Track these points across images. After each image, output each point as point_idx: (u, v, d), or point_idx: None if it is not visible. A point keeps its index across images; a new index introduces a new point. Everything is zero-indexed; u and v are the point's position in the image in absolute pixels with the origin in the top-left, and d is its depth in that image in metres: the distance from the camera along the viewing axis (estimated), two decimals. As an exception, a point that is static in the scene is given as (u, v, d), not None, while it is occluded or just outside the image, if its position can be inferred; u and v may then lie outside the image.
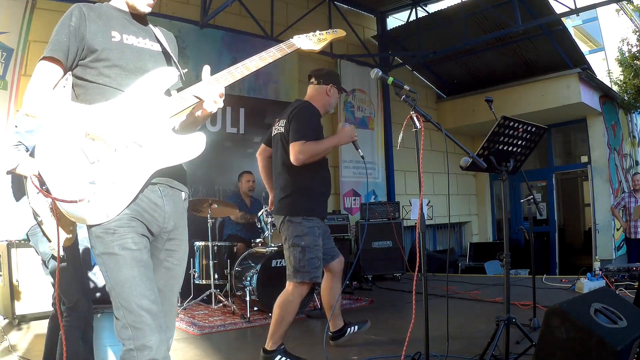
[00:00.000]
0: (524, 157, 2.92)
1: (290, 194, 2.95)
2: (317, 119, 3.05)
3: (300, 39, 1.74)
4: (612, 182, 9.13)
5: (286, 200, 2.96)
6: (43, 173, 1.45)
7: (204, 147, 1.60)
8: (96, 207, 1.45)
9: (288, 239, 2.95)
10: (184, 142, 1.60)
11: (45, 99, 1.48)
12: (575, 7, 6.49)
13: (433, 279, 6.38)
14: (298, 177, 2.94)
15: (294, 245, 2.92)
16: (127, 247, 1.48)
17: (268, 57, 1.66)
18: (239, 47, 6.56)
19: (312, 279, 2.93)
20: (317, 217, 3.00)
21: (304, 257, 2.89)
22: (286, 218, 2.95)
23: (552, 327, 2.04)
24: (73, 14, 1.55)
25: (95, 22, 1.57)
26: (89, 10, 1.58)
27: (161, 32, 1.78)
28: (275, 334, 2.91)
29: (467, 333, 3.50)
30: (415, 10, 8.19)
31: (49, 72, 1.52)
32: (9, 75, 4.71)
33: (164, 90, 1.64)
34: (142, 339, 1.43)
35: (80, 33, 1.54)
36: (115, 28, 1.60)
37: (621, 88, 9.67)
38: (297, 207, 2.94)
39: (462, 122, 9.56)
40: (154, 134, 1.55)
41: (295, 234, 2.92)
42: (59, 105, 1.49)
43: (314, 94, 3.17)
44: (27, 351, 3.37)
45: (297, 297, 2.93)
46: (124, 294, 1.46)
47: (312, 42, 1.75)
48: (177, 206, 1.66)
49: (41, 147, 1.47)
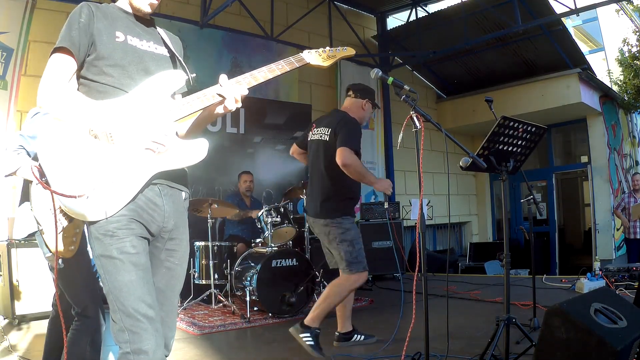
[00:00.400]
0: (524, 157, 2.92)
1: (331, 198, 3.20)
2: (360, 134, 3.27)
3: (311, 54, 1.76)
4: (612, 182, 9.13)
5: (327, 204, 3.21)
6: (44, 165, 1.45)
7: (206, 153, 1.61)
8: (95, 204, 1.45)
9: (335, 239, 3.17)
10: (186, 147, 1.60)
11: (59, 95, 1.48)
12: (575, 7, 6.49)
13: (433, 279, 6.38)
14: (338, 182, 3.19)
15: (342, 241, 3.15)
16: (126, 250, 1.48)
17: (277, 70, 1.67)
18: (239, 47, 6.56)
19: (365, 268, 3.17)
20: (351, 216, 3.26)
21: (354, 249, 3.14)
22: (327, 221, 3.19)
23: (552, 327, 2.04)
24: (82, 11, 1.56)
25: (102, 21, 1.58)
26: (97, 9, 1.59)
27: (167, 34, 1.78)
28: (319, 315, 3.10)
29: (467, 333, 3.50)
30: (415, 10, 8.19)
31: (63, 64, 1.52)
32: (9, 75, 4.71)
33: (170, 93, 1.63)
34: (138, 343, 1.44)
35: (89, 30, 1.55)
36: (120, 29, 1.61)
37: (621, 88, 9.67)
38: (337, 210, 3.19)
39: (462, 122, 9.56)
40: (159, 135, 1.55)
41: (340, 232, 3.16)
42: (72, 100, 1.48)
43: (351, 106, 3.39)
44: (27, 351, 3.37)
45: (350, 285, 3.14)
46: (121, 297, 1.46)
47: (322, 58, 1.77)
48: (177, 206, 1.66)
49: (45, 140, 1.47)
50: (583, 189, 11.14)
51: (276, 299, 4.39)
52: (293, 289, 4.43)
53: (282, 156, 6.91)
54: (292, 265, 4.52)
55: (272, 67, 1.66)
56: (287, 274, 4.47)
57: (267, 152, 6.73)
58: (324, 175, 3.24)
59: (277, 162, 6.83)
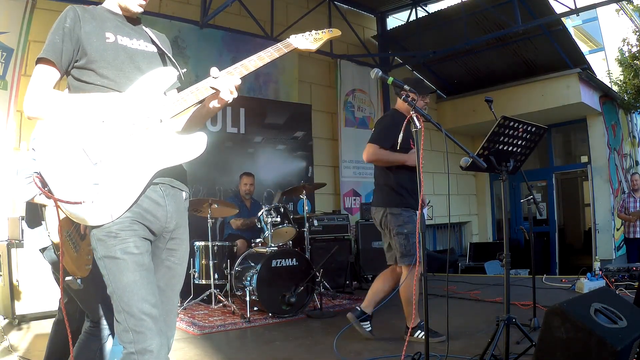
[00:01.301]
0: (524, 157, 2.92)
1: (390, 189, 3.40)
2: (396, 128, 3.21)
3: (297, 38, 1.75)
4: (612, 182, 9.13)
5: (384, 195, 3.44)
6: (45, 174, 1.45)
7: (205, 146, 1.61)
8: (100, 208, 1.45)
9: (392, 229, 3.37)
10: (185, 142, 1.60)
11: (45, 98, 1.49)
12: (575, 7, 6.49)
13: (433, 279, 6.37)
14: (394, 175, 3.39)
15: (398, 233, 3.33)
16: (129, 251, 1.49)
17: (266, 57, 1.67)
18: (239, 47, 6.56)
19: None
20: (412, 208, 3.38)
21: (408, 243, 3.29)
22: (387, 210, 3.40)
23: (552, 327, 2.04)
24: (67, 16, 1.57)
25: (90, 23, 1.58)
26: (83, 12, 1.59)
27: (153, 33, 1.79)
28: (410, 314, 3.27)
29: (467, 333, 3.50)
30: (415, 10, 8.19)
31: (45, 75, 1.54)
32: (9, 75, 4.70)
33: (163, 91, 1.64)
34: (143, 342, 1.45)
35: (75, 34, 1.55)
36: (110, 29, 1.61)
37: (621, 88, 9.67)
38: (395, 200, 3.38)
39: (462, 122, 9.56)
40: (155, 133, 1.55)
41: (398, 224, 3.34)
42: (62, 100, 1.50)
43: (399, 102, 3.56)
44: (27, 351, 3.37)
45: (411, 277, 3.26)
46: (125, 298, 1.47)
47: (309, 41, 1.76)
48: (178, 205, 1.67)
49: (42, 148, 1.46)
50: (583, 189, 11.14)
51: (276, 298, 4.39)
52: (293, 289, 4.43)
53: (283, 156, 6.92)
54: (292, 265, 4.53)
55: (262, 54, 1.66)
56: (287, 273, 4.47)
57: (267, 152, 6.73)
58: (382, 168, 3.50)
59: (278, 162, 6.84)
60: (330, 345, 3.33)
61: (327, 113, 7.90)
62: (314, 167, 7.26)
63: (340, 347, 3.31)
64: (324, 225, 6.02)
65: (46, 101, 1.49)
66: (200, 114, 1.71)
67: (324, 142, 7.65)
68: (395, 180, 3.39)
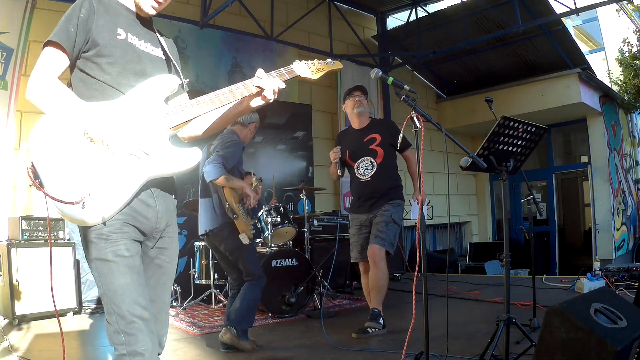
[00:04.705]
0: (524, 157, 2.92)
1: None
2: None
3: (300, 65, 1.80)
4: (612, 182, 9.13)
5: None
6: (38, 168, 1.43)
7: (198, 161, 1.63)
8: (92, 209, 1.44)
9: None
10: (179, 153, 1.61)
11: (49, 87, 1.46)
12: (575, 7, 6.49)
13: (433, 279, 6.37)
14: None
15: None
16: (120, 253, 1.49)
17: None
18: (239, 47, 6.55)
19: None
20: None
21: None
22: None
23: (552, 327, 2.04)
24: (83, 6, 1.54)
25: (103, 17, 1.56)
26: (98, 4, 1.57)
27: (163, 38, 1.78)
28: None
29: (467, 333, 3.50)
30: (415, 10, 8.18)
31: (54, 59, 1.50)
32: (9, 75, 4.70)
33: (163, 98, 1.64)
34: (134, 344, 1.45)
35: (88, 25, 1.53)
36: (122, 26, 1.60)
37: (621, 88, 9.66)
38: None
39: (462, 122, 9.56)
40: (152, 142, 1.55)
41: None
42: (62, 97, 1.46)
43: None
44: (27, 351, 3.37)
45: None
46: (116, 300, 1.47)
47: (311, 70, 1.82)
48: (168, 205, 1.68)
49: (37, 140, 1.44)
50: (583, 189, 11.13)
51: (276, 298, 4.39)
52: (293, 289, 4.43)
53: (283, 156, 6.92)
54: (292, 265, 4.53)
55: (248, 84, 1.70)
56: (287, 273, 4.47)
57: (268, 151, 6.74)
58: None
59: (278, 162, 6.83)
60: (330, 345, 3.33)
61: (327, 113, 7.90)
62: (314, 167, 7.26)
63: (339, 347, 3.31)
64: (324, 225, 6.02)
65: (49, 90, 1.45)
66: (231, 113, 1.75)
67: (324, 142, 7.65)
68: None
